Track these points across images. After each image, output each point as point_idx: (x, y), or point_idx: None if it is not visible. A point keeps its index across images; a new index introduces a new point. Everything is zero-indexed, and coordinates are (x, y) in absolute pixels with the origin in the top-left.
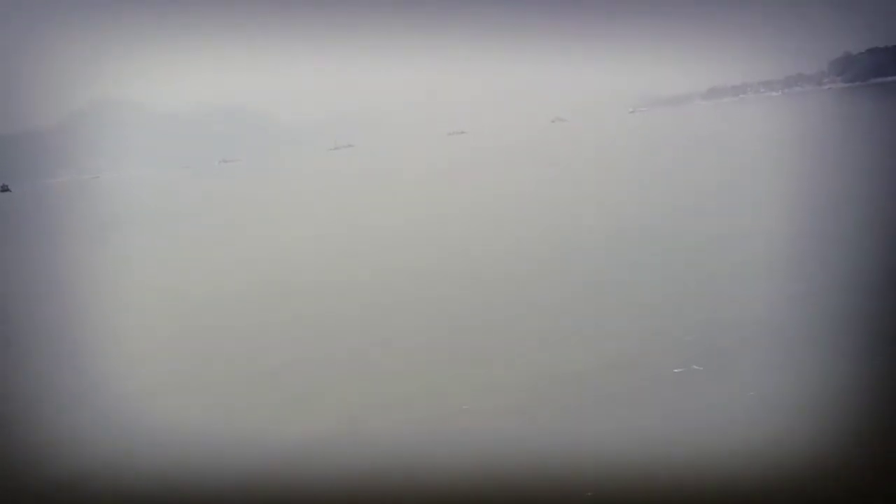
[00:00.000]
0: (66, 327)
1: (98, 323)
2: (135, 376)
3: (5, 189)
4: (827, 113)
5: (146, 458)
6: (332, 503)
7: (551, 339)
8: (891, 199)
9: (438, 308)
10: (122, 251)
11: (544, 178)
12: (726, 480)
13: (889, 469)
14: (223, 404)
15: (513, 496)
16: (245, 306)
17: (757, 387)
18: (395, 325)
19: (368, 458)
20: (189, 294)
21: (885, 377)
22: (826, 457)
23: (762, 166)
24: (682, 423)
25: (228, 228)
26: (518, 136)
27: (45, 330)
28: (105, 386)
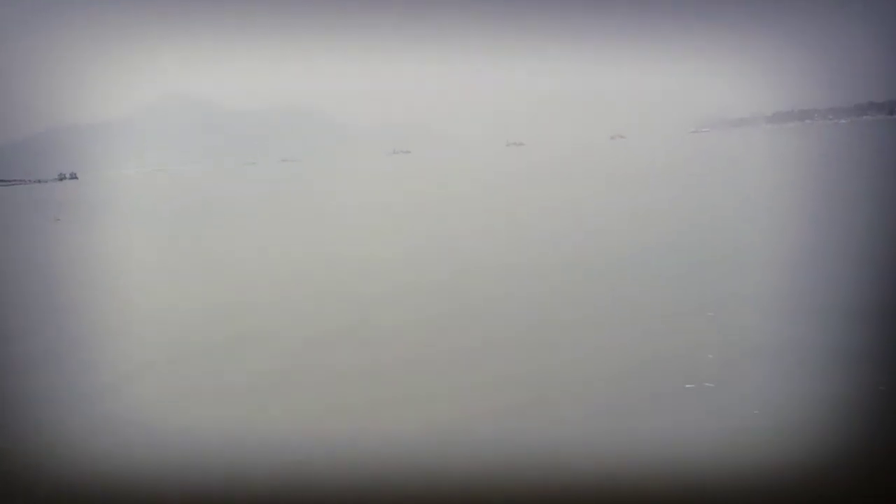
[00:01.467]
0: (106, 312)
1: (138, 313)
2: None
3: (73, 177)
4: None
5: (153, 462)
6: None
7: (598, 351)
8: None
9: (484, 320)
10: (176, 241)
11: (600, 194)
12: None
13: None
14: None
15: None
16: (299, 305)
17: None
18: (443, 331)
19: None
20: (227, 294)
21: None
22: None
23: (818, 191)
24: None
25: (284, 225)
26: (576, 151)
27: (84, 313)
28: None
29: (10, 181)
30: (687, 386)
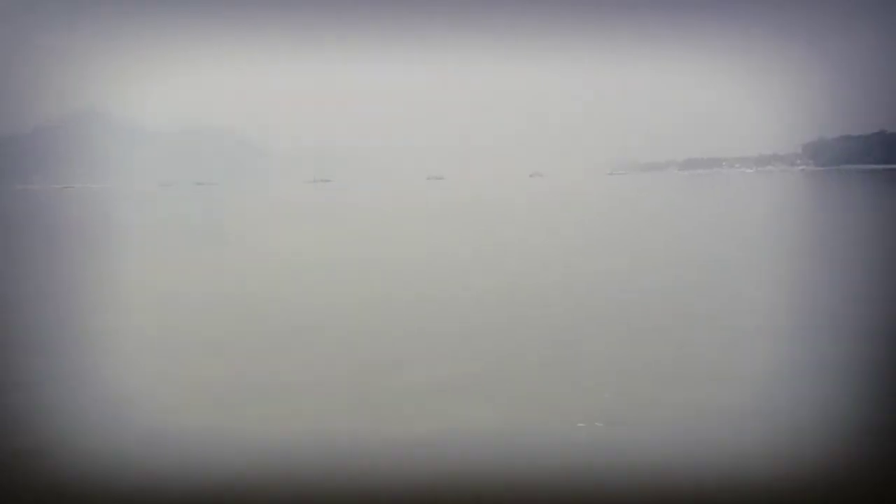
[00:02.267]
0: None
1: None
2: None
3: None
4: (796, 192)
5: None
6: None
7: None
8: (848, 283)
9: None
10: (74, 260)
11: (521, 228)
12: None
13: None
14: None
15: None
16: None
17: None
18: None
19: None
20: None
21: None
22: None
23: (730, 236)
24: None
25: (188, 247)
26: (496, 186)
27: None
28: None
29: None
30: (579, 424)
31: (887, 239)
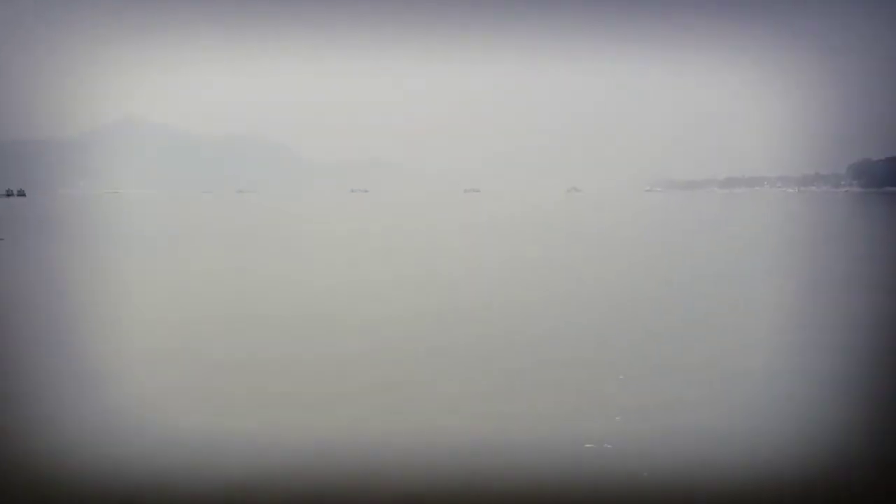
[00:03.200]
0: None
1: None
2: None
3: (21, 194)
4: (839, 214)
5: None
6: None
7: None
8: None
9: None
10: (128, 264)
11: (557, 244)
12: None
13: None
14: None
15: None
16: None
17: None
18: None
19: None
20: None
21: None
22: None
23: (766, 255)
24: None
25: (232, 254)
26: (533, 201)
27: (45, 334)
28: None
29: None
30: (587, 446)
31: None
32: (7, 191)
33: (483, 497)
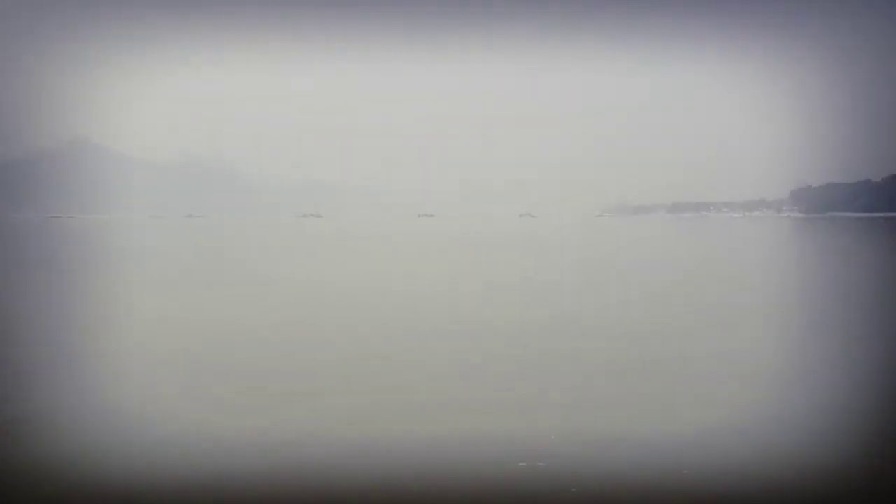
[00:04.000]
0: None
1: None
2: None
3: None
4: (781, 238)
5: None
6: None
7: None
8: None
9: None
10: (61, 290)
11: (512, 267)
12: None
13: None
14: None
15: None
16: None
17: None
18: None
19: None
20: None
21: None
22: None
23: (716, 278)
24: None
25: (181, 278)
26: (487, 225)
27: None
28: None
29: None
30: (521, 464)
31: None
32: None
33: None
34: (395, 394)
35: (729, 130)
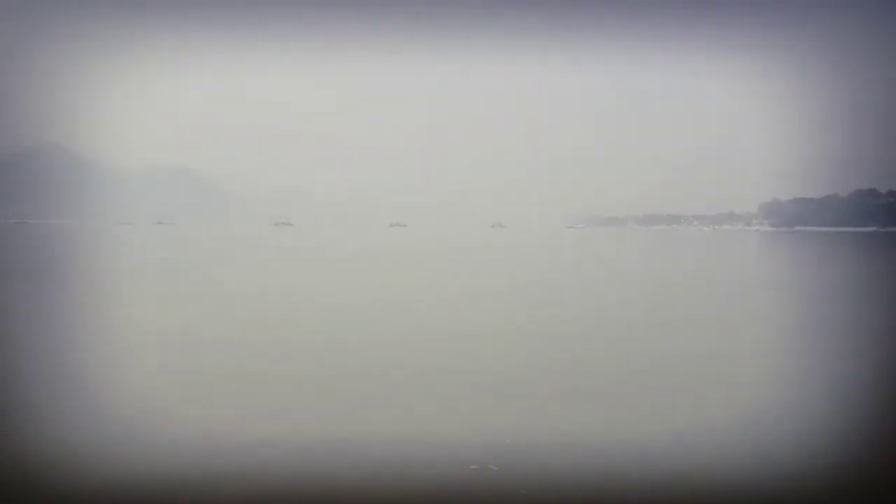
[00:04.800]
0: None
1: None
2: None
3: None
4: (750, 251)
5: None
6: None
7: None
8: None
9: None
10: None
11: (483, 278)
12: None
13: None
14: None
15: None
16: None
17: None
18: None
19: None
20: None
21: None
22: None
23: (686, 292)
24: None
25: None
26: (459, 236)
27: None
28: None
29: None
30: (472, 467)
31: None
32: None
33: None
34: (362, 400)
35: (701, 145)
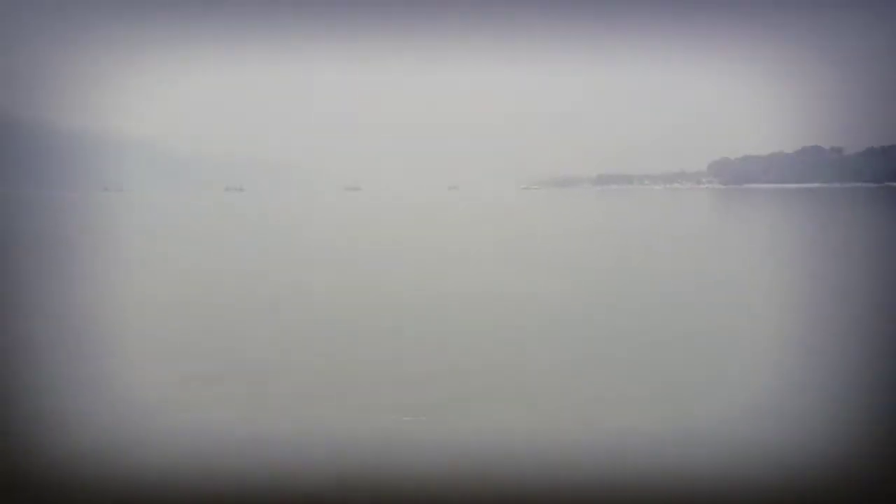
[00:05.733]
0: None
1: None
2: None
3: None
4: (702, 209)
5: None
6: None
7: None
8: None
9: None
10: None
11: (442, 240)
12: None
13: None
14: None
15: None
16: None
17: None
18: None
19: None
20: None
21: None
22: None
23: (644, 252)
24: None
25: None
26: (415, 198)
27: None
28: None
29: None
30: (405, 418)
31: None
32: None
33: None
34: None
35: (652, 106)
